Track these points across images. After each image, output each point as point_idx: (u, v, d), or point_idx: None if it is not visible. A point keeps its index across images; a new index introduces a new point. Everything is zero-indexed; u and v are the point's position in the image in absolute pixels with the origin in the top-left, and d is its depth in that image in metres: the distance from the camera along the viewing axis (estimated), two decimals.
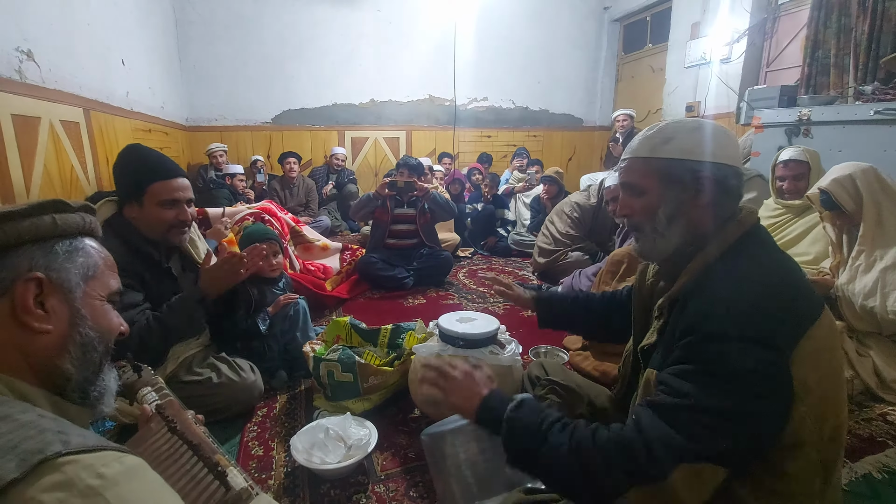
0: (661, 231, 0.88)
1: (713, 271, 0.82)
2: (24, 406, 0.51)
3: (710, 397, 0.71)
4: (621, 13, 5.92)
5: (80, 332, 0.61)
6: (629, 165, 0.92)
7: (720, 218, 0.86)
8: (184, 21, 4.90)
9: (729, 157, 0.86)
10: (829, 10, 3.33)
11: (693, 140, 0.85)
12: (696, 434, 0.71)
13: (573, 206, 3.28)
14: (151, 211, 1.44)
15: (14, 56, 2.12)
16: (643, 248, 0.93)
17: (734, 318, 0.73)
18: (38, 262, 0.59)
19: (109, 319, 0.66)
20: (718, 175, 0.84)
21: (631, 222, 0.93)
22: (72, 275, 0.61)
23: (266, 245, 1.95)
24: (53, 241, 0.61)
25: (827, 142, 2.67)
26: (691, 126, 0.87)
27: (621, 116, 4.81)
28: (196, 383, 1.53)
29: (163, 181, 1.44)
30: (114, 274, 0.69)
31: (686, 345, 0.76)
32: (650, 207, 0.88)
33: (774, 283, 0.78)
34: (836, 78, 3.30)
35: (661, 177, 0.87)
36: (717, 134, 0.87)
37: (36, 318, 0.57)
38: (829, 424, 0.76)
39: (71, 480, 0.43)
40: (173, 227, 1.48)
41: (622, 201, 0.94)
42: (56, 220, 0.62)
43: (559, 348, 2.10)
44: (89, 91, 2.81)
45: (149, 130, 3.84)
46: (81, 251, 0.64)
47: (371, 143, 5.85)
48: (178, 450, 0.75)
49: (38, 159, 2.25)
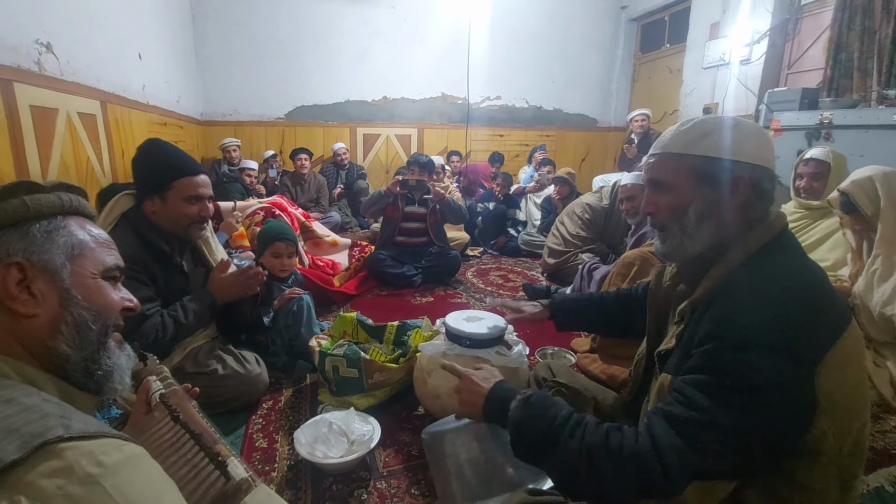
0: (689, 231, 0.84)
1: (737, 276, 0.78)
2: (28, 390, 0.51)
3: (727, 414, 0.68)
4: (639, 12, 5.84)
5: (72, 312, 0.60)
6: (659, 161, 0.88)
7: (749, 221, 0.82)
8: (200, 16, 4.95)
9: (765, 158, 0.83)
10: (852, 12, 3.25)
11: (730, 138, 0.82)
12: (712, 451, 0.69)
13: (584, 208, 3.25)
14: (176, 206, 1.47)
15: (34, 48, 2.15)
16: (669, 249, 0.88)
17: (757, 327, 0.70)
18: (16, 247, 0.58)
19: (105, 296, 0.65)
20: (754, 177, 0.81)
21: (656, 221, 0.90)
22: (54, 255, 0.60)
23: (283, 245, 1.96)
24: (29, 223, 0.60)
25: (848, 146, 2.61)
26: (729, 123, 0.84)
27: (639, 117, 4.74)
28: (202, 374, 1.54)
29: (188, 177, 1.48)
30: (109, 250, 0.68)
31: (705, 352, 0.73)
32: (678, 206, 0.85)
33: (801, 291, 0.74)
34: (859, 81, 3.22)
35: (694, 174, 0.83)
36: (755, 133, 0.83)
37: (21, 303, 0.57)
38: (850, 439, 0.74)
39: (70, 467, 0.43)
40: (194, 222, 1.52)
41: (647, 198, 0.90)
42: (27, 203, 0.60)
43: (566, 350, 2.08)
44: (106, 84, 2.85)
45: (164, 124, 3.89)
46: (62, 231, 0.62)
47: (383, 140, 5.85)
48: (180, 439, 0.75)
49: (55, 150, 2.29)
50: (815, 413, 0.70)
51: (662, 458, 0.69)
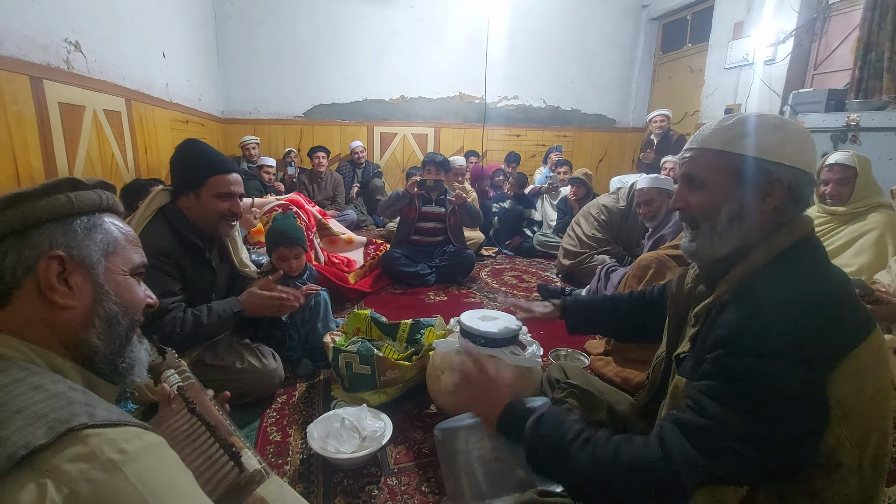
0: (719, 231, 0.82)
1: (756, 280, 0.76)
2: (55, 377, 0.53)
3: (738, 422, 0.67)
4: (660, 11, 5.76)
5: (104, 306, 0.62)
6: (697, 156, 0.85)
7: (776, 224, 0.80)
8: (223, 15, 5.04)
9: (807, 162, 0.80)
10: (883, 11, 3.15)
11: (774, 139, 0.79)
12: (722, 458, 0.68)
13: (601, 209, 3.22)
14: (208, 202, 1.53)
15: (62, 47, 2.21)
16: (699, 248, 0.86)
17: (771, 334, 0.68)
18: (59, 241, 0.60)
19: (134, 293, 0.67)
20: (793, 181, 0.78)
21: (686, 216, 0.87)
22: (92, 251, 0.62)
23: (287, 250, 1.98)
24: (71, 219, 0.62)
25: (876, 149, 2.53)
26: (774, 123, 0.81)
27: (658, 117, 4.66)
28: (219, 368, 1.58)
29: (221, 175, 1.54)
30: (136, 248, 0.70)
31: (717, 358, 0.72)
32: (710, 204, 0.82)
33: (820, 296, 0.72)
34: (889, 82, 3.12)
35: (731, 173, 0.80)
36: (799, 135, 0.80)
37: (60, 294, 0.59)
38: (871, 451, 0.72)
39: (93, 453, 0.44)
40: (225, 217, 1.57)
41: (679, 193, 0.88)
42: (72, 199, 0.62)
43: (580, 352, 2.06)
44: (131, 82, 2.92)
45: (186, 122, 3.96)
46: (100, 228, 0.65)
47: (399, 139, 5.88)
48: (196, 430, 0.77)
49: (82, 146, 2.35)
50: (828, 421, 0.69)
51: (672, 465, 0.69)
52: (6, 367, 0.52)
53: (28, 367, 0.53)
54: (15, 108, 1.87)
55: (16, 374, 0.51)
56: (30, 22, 1.97)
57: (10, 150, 1.84)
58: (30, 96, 1.95)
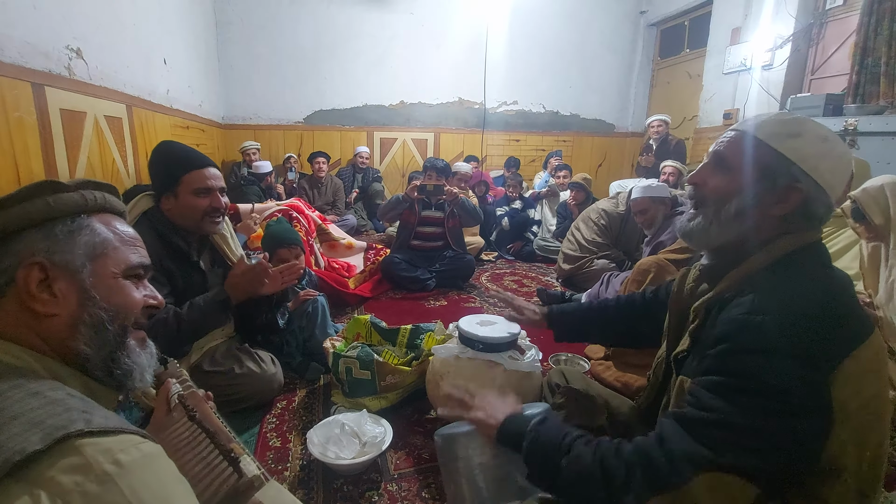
0: (721, 219, 0.82)
1: (758, 279, 0.77)
2: (54, 384, 0.53)
3: (739, 414, 0.68)
4: (658, 17, 5.79)
5: (90, 311, 0.60)
6: (738, 138, 0.83)
7: (779, 232, 0.80)
8: (223, 22, 5.07)
9: (832, 185, 0.78)
10: (880, 17, 3.17)
11: (815, 149, 0.77)
12: (720, 446, 0.68)
13: (600, 213, 3.23)
14: (187, 200, 1.50)
15: (64, 53, 2.22)
16: (694, 228, 0.85)
17: (773, 330, 0.69)
18: (39, 247, 0.58)
19: (126, 296, 0.64)
20: (810, 196, 0.77)
21: (698, 193, 0.87)
22: (75, 255, 0.60)
23: (286, 251, 1.97)
24: (52, 223, 0.60)
25: (874, 154, 2.54)
26: (823, 135, 0.79)
27: (656, 122, 4.68)
28: (218, 373, 1.57)
29: (195, 170, 1.51)
30: (133, 248, 0.67)
31: (718, 354, 0.73)
32: (726, 190, 0.82)
33: (822, 297, 0.72)
34: (886, 87, 3.13)
35: (760, 167, 0.79)
36: (839, 158, 0.78)
37: (41, 302, 0.57)
38: (869, 452, 0.72)
39: (88, 464, 0.44)
40: (207, 214, 1.53)
41: (702, 168, 0.87)
42: (49, 202, 0.60)
43: (580, 357, 2.06)
44: (132, 88, 2.93)
45: (187, 127, 3.98)
46: (85, 230, 0.62)
47: (399, 144, 5.89)
48: (196, 437, 0.77)
49: (83, 152, 2.36)
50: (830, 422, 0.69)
51: (669, 451, 0.70)
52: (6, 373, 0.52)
53: (28, 373, 0.54)
54: (17, 115, 1.88)
55: (15, 380, 0.51)
56: (32, 29, 1.98)
57: (11, 156, 1.85)
58: (31, 102, 1.96)
